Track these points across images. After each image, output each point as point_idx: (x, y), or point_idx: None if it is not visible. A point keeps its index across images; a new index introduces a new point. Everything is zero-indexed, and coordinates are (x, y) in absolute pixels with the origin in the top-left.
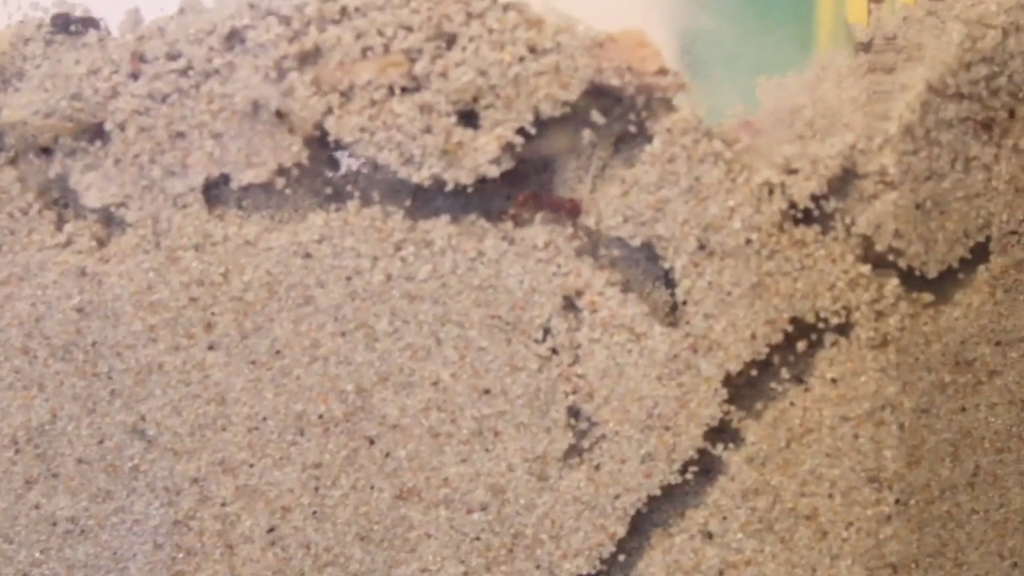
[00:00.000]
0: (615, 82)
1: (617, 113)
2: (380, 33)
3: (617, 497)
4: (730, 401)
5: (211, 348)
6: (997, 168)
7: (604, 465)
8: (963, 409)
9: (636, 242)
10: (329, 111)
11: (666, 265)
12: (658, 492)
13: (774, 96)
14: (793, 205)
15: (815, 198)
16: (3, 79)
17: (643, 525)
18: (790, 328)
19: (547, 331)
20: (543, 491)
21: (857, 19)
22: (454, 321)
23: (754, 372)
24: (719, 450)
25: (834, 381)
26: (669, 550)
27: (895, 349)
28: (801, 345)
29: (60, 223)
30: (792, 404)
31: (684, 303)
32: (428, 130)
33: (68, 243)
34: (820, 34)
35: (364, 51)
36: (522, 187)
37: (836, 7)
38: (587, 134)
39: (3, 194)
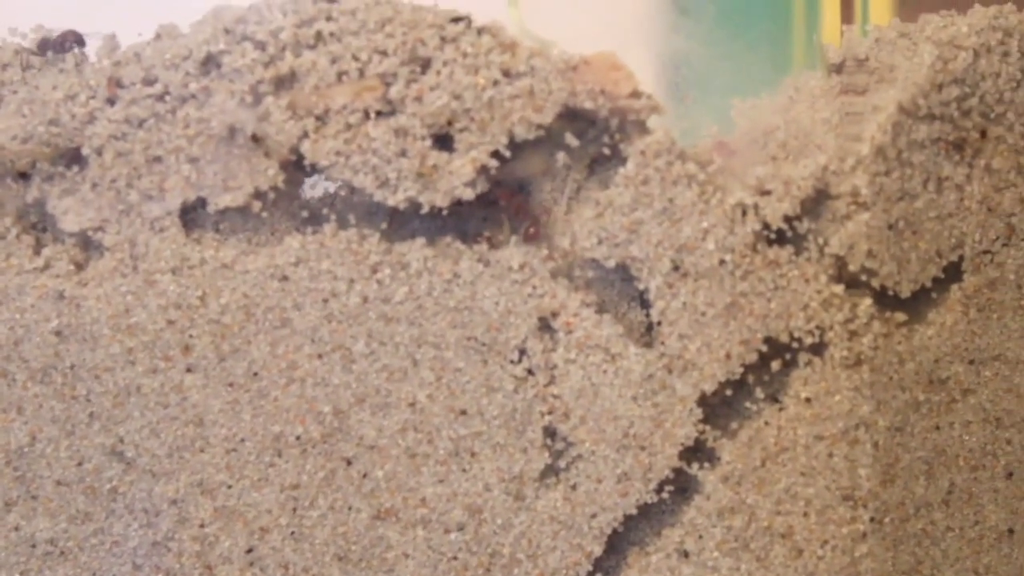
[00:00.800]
0: (589, 105)
1: (591, 136)
2: (355, 58)
3: (593, 516)
4: (705, 421)
5: (189, 370)
6: (969, 188)
7: (580, 485)
8: (937, 427)
9: (611, 263)
10: (305, 135)
11: (641, 286)
12: (634, 511)
13: (748, 118)
14: (767, 226)
15: (788, 219)
16: None
17: (620, 544)
18: (764, 348)
19: (523, 352)
20: (520, 511)
21: (830, 40)
22: (430, 343)
23: (729, 392)
24: (695, 469)
25: (808, 400)
26: (646, 569)
27: (869, 368)
28: (775, 365)
29: (38, 247)
30: (767, 423)
31: (659, 324)
32: (403, 153)
33: (46, 267)
34: (796, 56)
35: (339, 76)
36: (496, 210)
37: (809, 29)
38: (561, 157)
39: None
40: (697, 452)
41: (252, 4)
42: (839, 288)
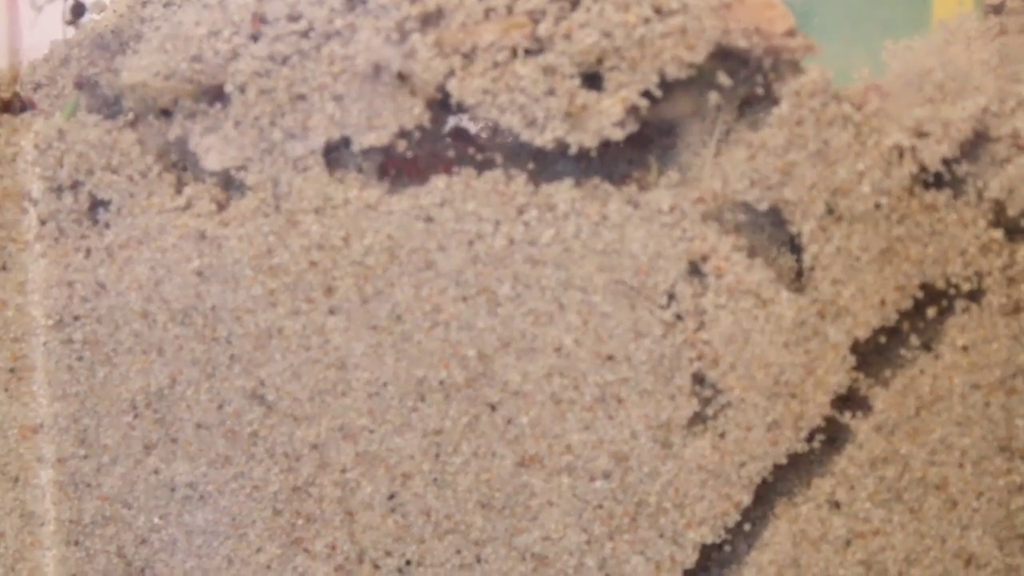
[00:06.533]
0: (742, 44)
1: (743, 76)
2: None
3: (742, 465)
4: (858, 368)
5: (331, 313)
6: None
7: (729, 433)
8: None
9: (763, 206)
10: (451, 73)
11: (793, 230)
12: (784, 461)
13: (901, 60)
14: (924, 169)
15: (946, 162)
16: (121, 42)
17: (768, 494)
18: (920, 294)
19: (672, 296)
20: (667, 459)
21: None
22: (577, 286)
23: (883, 339)
24: (847, 418)
25: (965, 348)
26: (795, 519)
27: None
28: (931, 311)
29: (179, 186)
30: (922, 371)
31: (812, 268)
32: (551, 92)
33: (188, 206)
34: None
35: (487, 12)
36: (645, 151)
37: None
38: (713, 97)
39: (123, 157)
40: (849, 400)
41: None
42: (998, 233)
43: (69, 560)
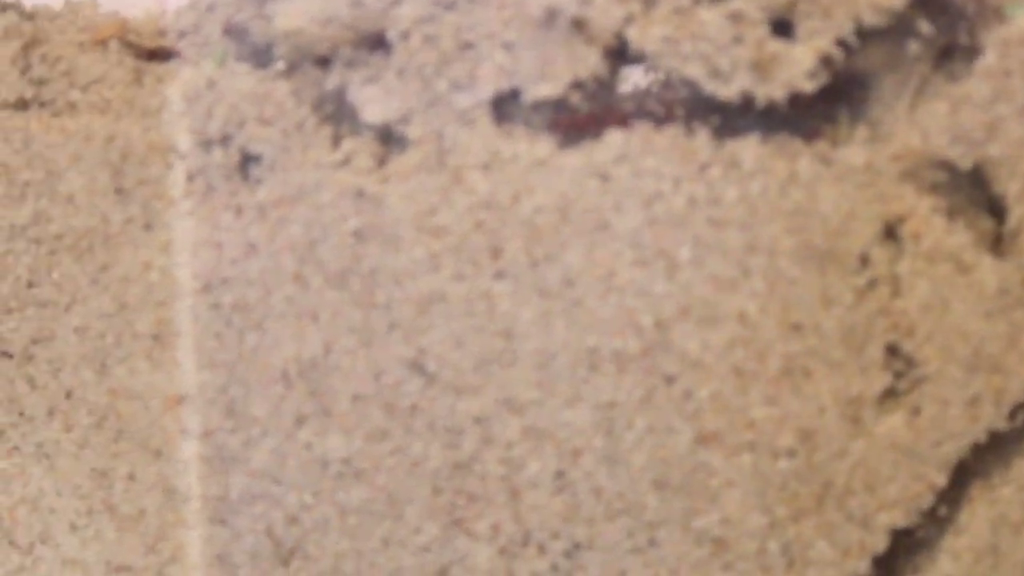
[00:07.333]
0: None
1: (943, 23)
2: None
3: (938, 444)
4: None
5: (498, 277)
6: None
7: (924, 409)
8: None
9: (966, 164)
10: (630, 19)
11: (998, 190)
12: (983, 439)
13: None
14: None
15: None
16: None
17: (964, 475)
18: None
19: (865, 261)
20: (857, 436)
21: None
22: (763, 249)
23: None
24: None
25: None
26: (994, 503)
27: None
28: None
29: (337, 140)
30: None
31: (1017, 232)
32: (738, 41)
33: (345, 161)
34: None
35: None
36: (835, 105)
37: None
38: (912, 46)
39: (276, 108)
40: None
41: None
42: None
43: (215, 539)
